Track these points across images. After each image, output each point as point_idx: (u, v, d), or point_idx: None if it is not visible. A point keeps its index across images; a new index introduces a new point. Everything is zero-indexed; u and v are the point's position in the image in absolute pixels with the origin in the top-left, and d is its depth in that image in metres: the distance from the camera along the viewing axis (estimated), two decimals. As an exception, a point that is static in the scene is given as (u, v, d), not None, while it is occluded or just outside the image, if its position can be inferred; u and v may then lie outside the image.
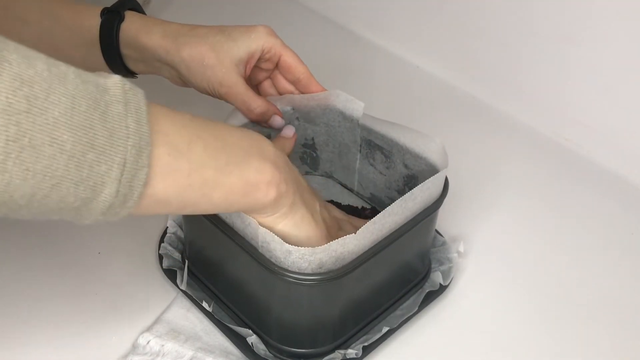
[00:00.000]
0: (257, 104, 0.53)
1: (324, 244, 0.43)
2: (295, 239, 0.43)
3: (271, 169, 0.40)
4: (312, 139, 0.60)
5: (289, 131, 0.55)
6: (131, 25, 0.53)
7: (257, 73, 0.59)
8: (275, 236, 0.40)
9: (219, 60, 0.52)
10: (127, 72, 0.57)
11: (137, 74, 0.58)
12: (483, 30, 0.74)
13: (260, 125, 0.55)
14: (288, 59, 0.55)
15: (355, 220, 0.54)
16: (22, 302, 0.51)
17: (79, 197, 0.31)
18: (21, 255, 0.54)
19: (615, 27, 0.63)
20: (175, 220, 0.56)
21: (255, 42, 0.53)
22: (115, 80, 0.33)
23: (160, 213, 0.37)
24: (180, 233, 0.55)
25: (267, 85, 0.58)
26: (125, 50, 0.55)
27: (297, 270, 0.41)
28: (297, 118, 0.58)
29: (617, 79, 0.65)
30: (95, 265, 0.54)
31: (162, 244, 0.54)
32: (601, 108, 0.67)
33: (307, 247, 0.41)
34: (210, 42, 0.52)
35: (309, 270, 0.41)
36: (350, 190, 0.61)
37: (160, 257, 0.53)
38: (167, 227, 0.56)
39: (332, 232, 0.48)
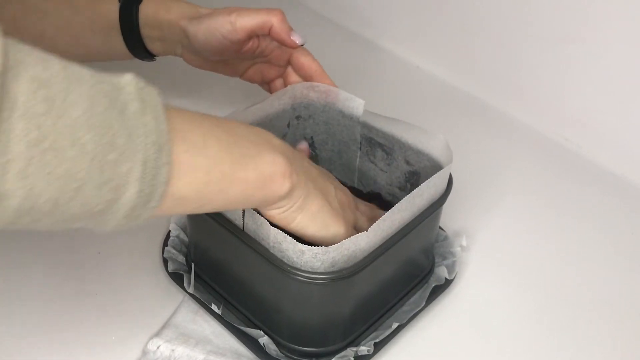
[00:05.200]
0: (273, 9, 0.54)
1: (342, 233, 0.43)
2: (313, 231, 0.43)
3: (283, 160, 0.39)
4: (312, 137, 0.61)
5: (303, 146, 0.58)
6: (150, 5, 0.56)
7: (268, 71, 0.60)
8: (288, 236, 0.40)
9: (232, 19, 0.55)
10: (146, 54, 0.60)
11: (155, 57, 0.60)
12: (483, 30, 0.75)
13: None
14: (301, 56, 0.56)
15: (361, 202, 0.54)
16: (21, 303, 0.50)
17: (103, 200, 0.31)
18: (19, 254, 0.54)
19: (616, 27, 0.64)
20: (178, 223, 0.56)
21: (267, 13, 0.55)
22: (128, 79, 0.32)
23: (178, 212, 0.37)
24: (183, 236, 0.55)
25: (278, 84, 0.59)
26: (144, 30, 0.57)
27: (310, 270, 0.41)
28: (297, 117, 0.59)
29: (617, 79, 0.65)
30: (95, 266, 0.54)
31: (166, 248, 0.54)
32: (601, 108, 0.68)
33: (327, 237, 0.41)
34: (227, 10, 0.55)
35: (321, 270, 0.41)
36: (351, 188, 0.62)
37: (165, 261, 0.53)
38: (170, 231, 0.55)
39: (349, 215, 0.47)
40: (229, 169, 0.36)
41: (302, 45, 0.55)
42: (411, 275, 0.52)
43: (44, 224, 0.30)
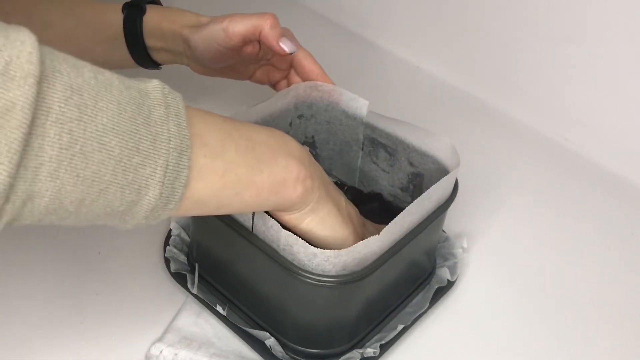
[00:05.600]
0: (266, 14, 0.53)
1: (351, 240, 0.44)
2: (321, 234, 0.43)
3: (297, 166, 0.40)
4: (313, 136, 0.60)
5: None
6: (153, 16, 0.57)
7: (273, 73, 0.60)
8: (300, 239, 0.40)
9: (225, 26, 0.54)
10: (151, 63, 0.60)
11: (160, 66, 0.61)
12: (483, 31, 0.75)
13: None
14: (302, 59, 0.56)
15: (369, 222, 0.54)
16: (21, 306, 0.49)
17: (125, 201, 0.32)
18: (18, 255, 0.53)
19: (616, 27, 0.64)
20: (179, 222, 0.55)
21: (258, 18, 0.54)
22: (155, 84, 0.34)
23: (198, 214, 0.38)
24: (184, 235, 0.54)
25: (283, 85, 0.60)
26: (148, 41, 0.57)
27: (321, 273, 0.40)
28: (299, 116, 0.58)
29: (617, 79, 0.66)
30: (96, 267, 0.53)
31: (168, 247, 0.53)
32: (601, 108, 0.68)
33: (335, 242, 0.41)
34: (222, 17, 0.55)
35: (332, 273, 0.40)
36: (351, 187, 0.61)
37: (167, 261, 0.52)
38: (171, 230, 0.55)
39: (358, 229, 0.47)
40: (245, 174, 0.37)
41: (290, 53, 0.54)
42: (414, 277, 0.52)
43: (68, 222, 0.32)
